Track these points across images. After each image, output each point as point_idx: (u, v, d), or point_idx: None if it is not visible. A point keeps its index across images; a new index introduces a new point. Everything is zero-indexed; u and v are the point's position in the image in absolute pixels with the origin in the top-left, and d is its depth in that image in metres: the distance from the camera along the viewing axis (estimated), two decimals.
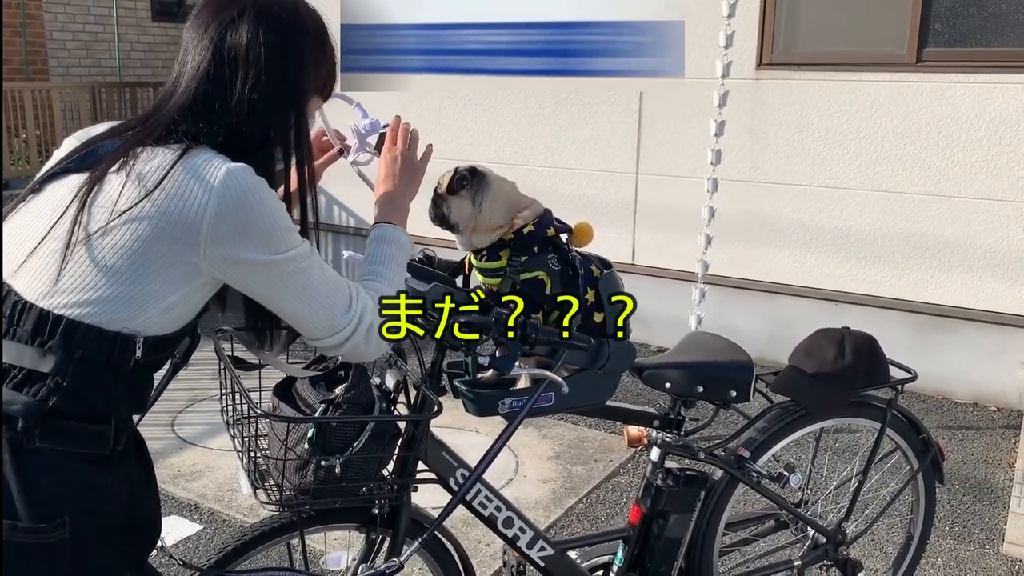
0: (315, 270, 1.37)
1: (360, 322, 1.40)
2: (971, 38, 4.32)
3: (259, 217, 1.28)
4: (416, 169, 1.67)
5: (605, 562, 2.19)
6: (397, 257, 1.57)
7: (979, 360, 4.44)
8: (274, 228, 1.30)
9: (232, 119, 1.31)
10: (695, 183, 4.75)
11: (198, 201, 1.24)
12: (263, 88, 1.32)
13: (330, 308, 1.37)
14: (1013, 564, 2.99)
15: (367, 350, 1.44)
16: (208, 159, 1.27)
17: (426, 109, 5.82)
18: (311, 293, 1.36)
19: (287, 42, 1.34)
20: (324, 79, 1.45)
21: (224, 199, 1.24)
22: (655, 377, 2.03)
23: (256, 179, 1.29)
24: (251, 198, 1.27)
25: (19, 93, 7.17)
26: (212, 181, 1.24)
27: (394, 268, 1.54)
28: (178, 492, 3.37)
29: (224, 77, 1.31)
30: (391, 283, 1.51)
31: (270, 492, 1.62)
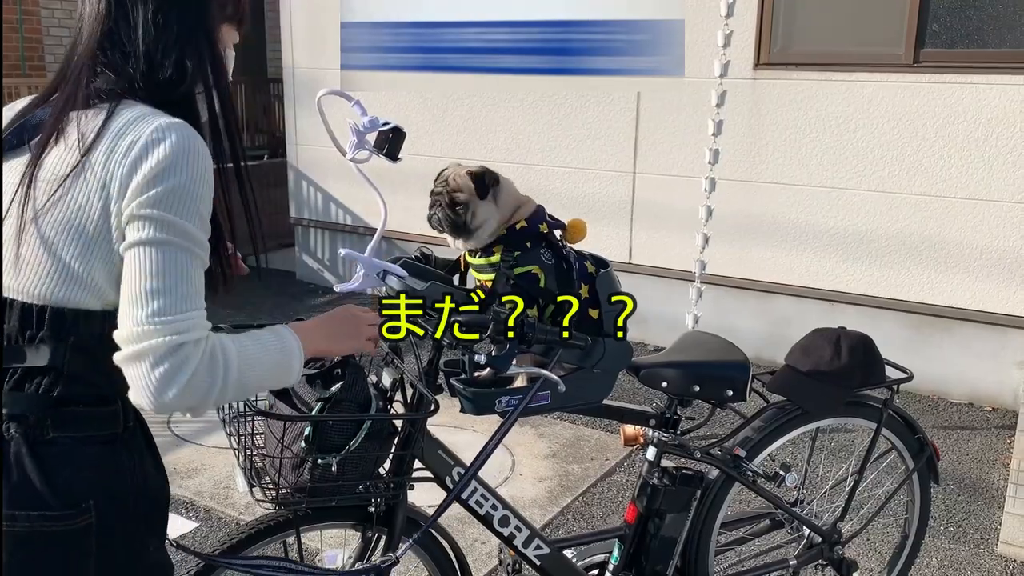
0: (186, 260, 1.21)
1: (174, 335, 1.18)
2: (968, 39, 4.33)
3: (182, 177, 1.20)
4: (355, 338, 1.50)
5: (601, 561, 2.19)
6: (273, 356, 1.30)
7: (975, 360, 4.45)
8: (188, 194, 1.21)
9: (141, 57, 1.28)
10: (692, 182, 4.75)
11: (128, 160, 1.20)
12: (165, 13, 1.28)
13: (168, 296, 1.19)
14: (1007, 564, 3.00)
15: (149, 375, 1.17)
16: (141, 115, 1.24)
17: (424, 107, 5.82)
18: (165, 272, 1.19)
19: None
20: (227, 7, 1.38)
21: (147, 154, 1.19)
22: (652, 376, 2.04)
23: (195, 137, 1.24)
24: (185, 161, 1.21)
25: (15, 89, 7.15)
26: (142, 136, 1.21)
27: (263, 357, 1.29)
28: (174, 489, 3.36)
29: (123, 10, 1.29)
30: (246, 361, 1.26)
31: (266, 490, 1.62)
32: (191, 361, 1.18)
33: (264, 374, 1.29)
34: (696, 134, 4.81)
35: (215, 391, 1.21)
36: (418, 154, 5.64)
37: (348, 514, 1.78)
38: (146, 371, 1.17)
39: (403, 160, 1.71)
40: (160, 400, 1.17)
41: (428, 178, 1.81)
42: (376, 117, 1.67)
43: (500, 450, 3.77)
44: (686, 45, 4.87)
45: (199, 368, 1.19)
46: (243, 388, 1.26)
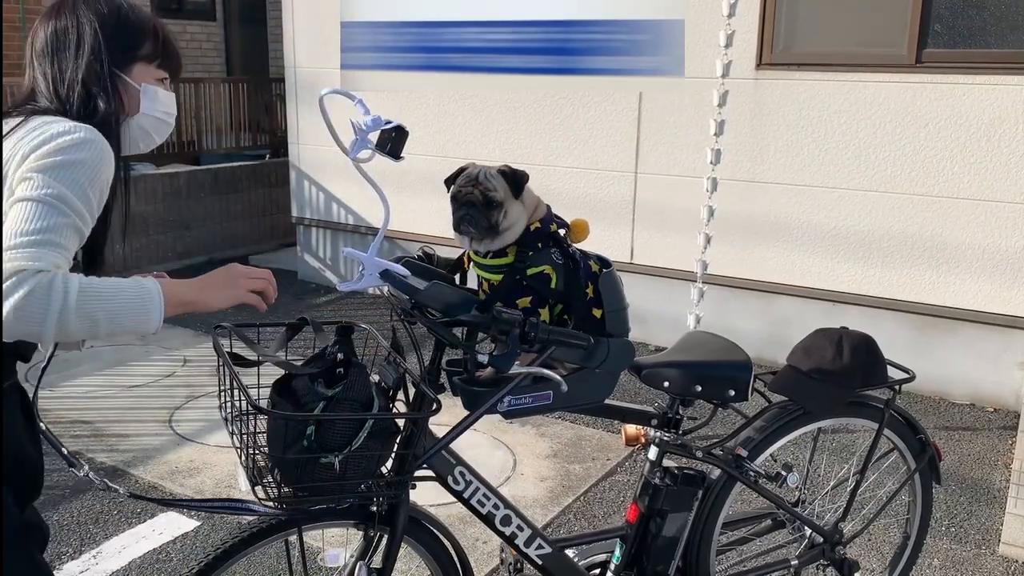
0: (57, 214, 1.37)
1: (28, 263, 1.31)
2: (971, 39, 4.33)
3: (74, 156, 1.41)
4: (232, 289, 1.57)
5: (602, 560, 2.19)
6: (125, 301, 1.39)
7: (977, 361, 4.45)
8: (77, 168, 1.41)
9: (53, 97, 1.56)
10: (694, 182, 4.75)
11: (37, 138, 1.43)
12: (65, 65, 1.57)
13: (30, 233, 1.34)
14: (1009, 564, 3.00)
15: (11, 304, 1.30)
16: (58, 119, 1.48)
17: (425, 106, 5.82)
18: (32, 217, 1.36)
19: (73, 28, 1.59)
20: (138, 48, 1.62)
21: (54, 137, 1.42)
22: (654, 376, 2.04)
23: (98, 140, 1.45)
24: (84, 147, 1.43)
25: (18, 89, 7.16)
26: (54, 128, 1.43)
27: (112, 299, 1.37)
28: (175, 488, 3.37)
29: (43, 68, 1.59)
30: (92, 300, 1.35)
31: (268, 489, 1.62)
32: (26, 283, 1.30)
33: (114, 310, 1.37)
34: (698, 134, 4.81)
35: (52, 314, 1.31)
36: (419, 154, 5.65)
37: (350, 513, 1.78)
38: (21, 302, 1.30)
39: (405, 159, 1.71)
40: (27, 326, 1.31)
41: (429, 178, 1.81)
42: (378, 116, 1.67)
43: (502, 450, 3.78)
44: (688, 45, 4.87)
45: (35, 290, 1.30)
46: (88, 319, 1.35)
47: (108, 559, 2.90)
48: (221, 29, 10.40)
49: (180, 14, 9.95)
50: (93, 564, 2.88)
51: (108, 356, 4.74)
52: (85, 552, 2.95)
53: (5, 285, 1.29)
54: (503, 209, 1.80)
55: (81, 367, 4.48)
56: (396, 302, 1.82)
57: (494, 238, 1.82)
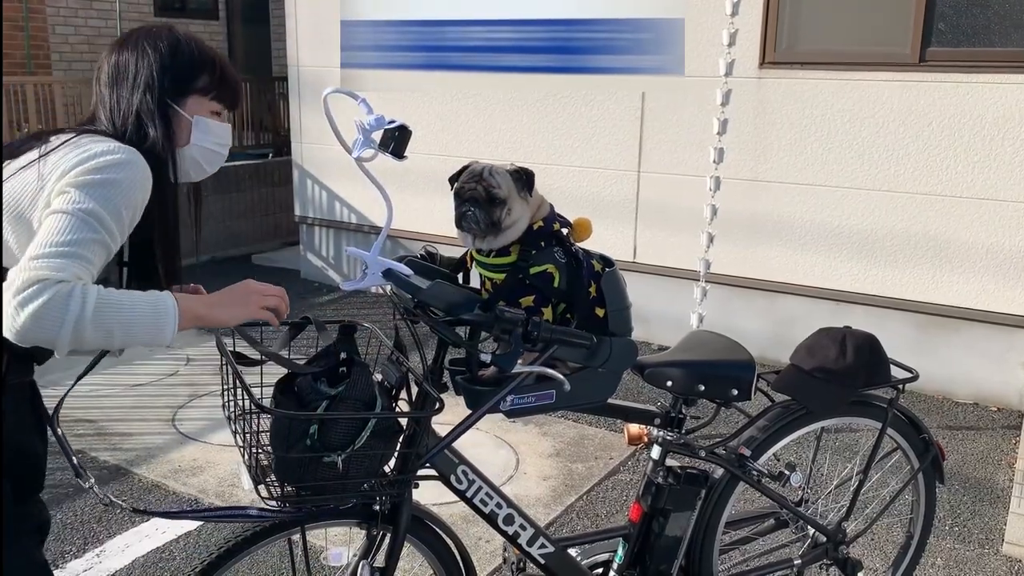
0: (86, 228, 1.43)
1: (49, 275, 1.36)
2: (975, 38, 4.32)
3: (109, 176, 1.47)
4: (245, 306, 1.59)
5: (605, 560, 2.19)
6: (141, 314, 1.43)
7: (980, 360, 4.44)
8: (112, 189, 1.46)
9: (112, 122, 1.62)
10: (697, 181, 4.75)
11: (80, 155, 1.48)
12: (119, 97, 1.63)
13: (57, 246, 1.40)
14: (1013, 564, 3.00)
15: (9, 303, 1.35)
16: (107, 138, 1.54)
17: (428, 105, 5.82)
18: (64, 230, 1.41)
19: (132, 62, 1.65)
20: (194, 81, 1.67)
21: (95, 156, 1.48)
22: (656, 375, 2.04)
23: (138, 161, 1.52)
24: (118, 166, 1.49)
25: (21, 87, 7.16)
26: (98, 147, 1.49)
27: (130, 312, 1.41)
28: (179, 487, 3.37)
29: (102, 95, 1.65)
30: (110, 311, 1.39)
31: (271, 488, 1.62)
32: (46, 292, 1.35)
33: (129, 322, 1.42)
34: (701, 133, 4.81)
35: (68, 324, 1.35)
36: (422, 153, 5.64)
37: (353, 512, 1.78)
38: (9, 297, 1.35)
39: (408, 159, 1.71)
40: (14, 323, 1.35)
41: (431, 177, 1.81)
42: (382, 115, 1.67)
43: (505, 449, 3.78)
44: (691, 44, 4.86)
45: (53, 299, 1.35)
46: (103, 330, 1.39)
47: (111, 557, 2.91)
48: (224, 28, 10.40)
49: (183, 13, 9.96)
50: (96, 562, 2.89)
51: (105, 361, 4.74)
52: (88, 550, 2.96)
53: (27, 292, 1.35)
54: (506, 206, 1.80)
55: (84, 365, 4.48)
56: (399, 301, 1.82)
57: (497, 235, 1.82)
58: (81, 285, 1.38)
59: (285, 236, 7.80)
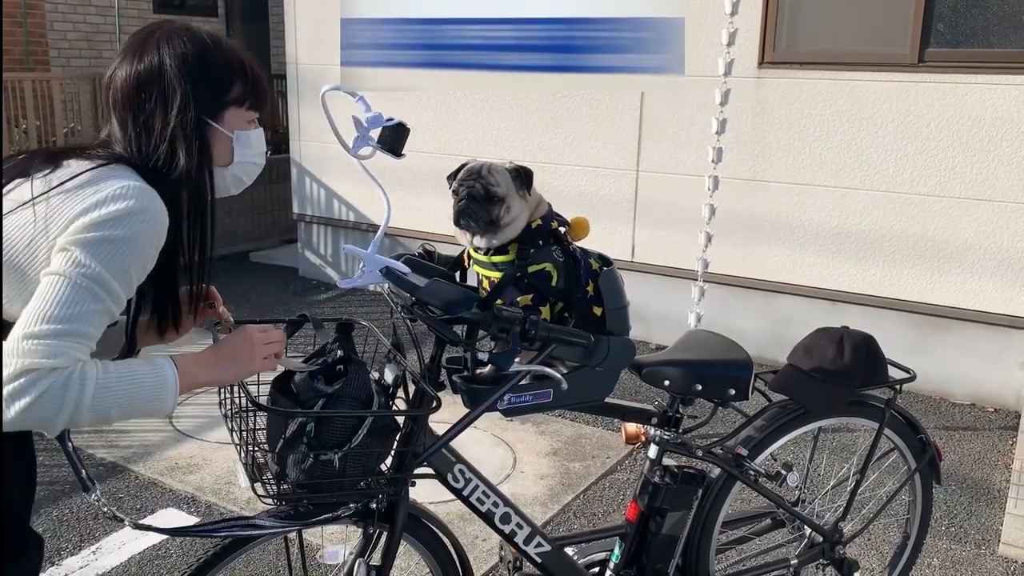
0: (89, 299, 1.28)
1: (44, 360, 1.24)
2: (974, 39, 4.32)
3: (117, 232, 1.30)
4: (248, 363, 1.51)
5: (602, 559, 2.19)
6: (142, 388, 1.34)
7: (977, 361, 4.45)
8: (116, 249, 1.30)
9: (134, 150, 1.43)
10: (696, 181, 4.75)
11: (85, 202, 1.31)
12: (148, 116, 1.43)
13: (55, 321, 1.25)
14: (1008, 565, 3.00)
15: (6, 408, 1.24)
16: (117, 175, 1.36)
17: (426, 104, 5.81)
18: (66, 301, 1.27)
19: (159, 73, 1.43)
20: (229, 91, 1.49)
21: (102, 204, 1.31)
22: (654, 375, 2.04)
23: (151, 208, 1.34)
24: (132, 220, 1.32)
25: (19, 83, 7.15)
26: (107, 190, 1.32)
27: (129, 389, 1.32)
28: (175, 485, 3.37)
29: (122, 116, 1.45)
30: (108, 392, 1.30)
31: (268, 486, 1.62)
32: (41, 384, 1.24)
33: (129, 402, 1.33)
34: (700, 132, 4.81)
35: (64, 415, 1.26)
36: (420, 151, 5.64)
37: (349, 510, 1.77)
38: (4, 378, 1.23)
39: (406, 157, 1.71)
40: (5, 414, 1.23)
41: (430, 175, 1.81)
42: (380, 113, 1.66)
43: (502, 448, 3.77)
44: (690, 43, 4.86)
45: (48, 391, 1.24)
46: (103, 413, 1.30)
47: (107, 555, 2.91)
48: (223, 25, 10.40)
49: (182, 10, 9.96)
50: (92, 560, 2.88)
51: None
52: (84, 548, 2.95)
53: (18, 384, 1.23)
54: (505, 204, 1.80)
55: None
56: (396, 299, 1.82)
57: (495, 233, 1.81)
58: (79, 370, 1.27)
59: (283, 234, 7.79)
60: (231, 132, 1.50)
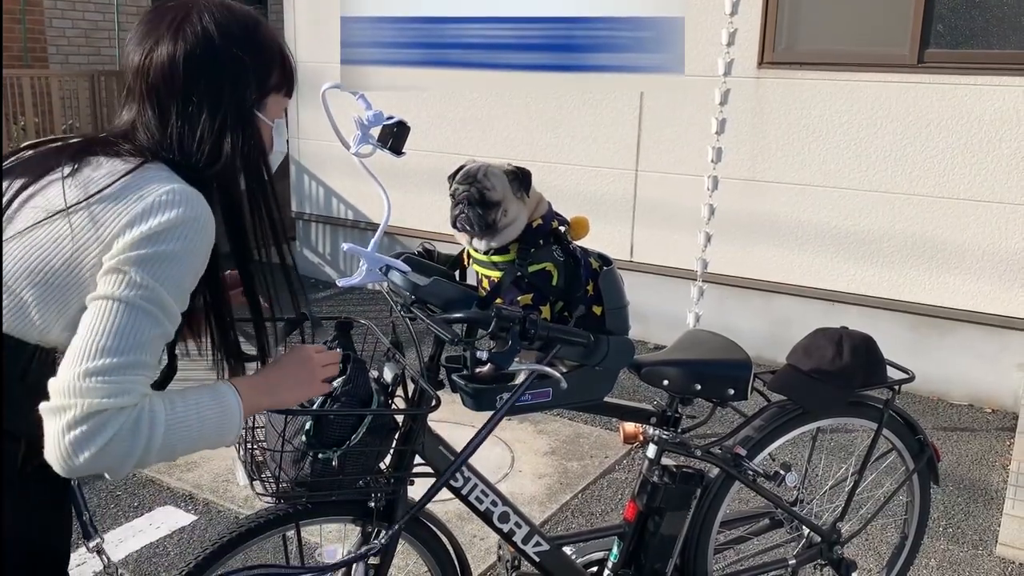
0: (146, 323, 1.16)
1: (106, 398, 1.12)
2: (973, 40, 4.32)
3: (168, 243, 1.16)
4: (309, 385, 1.43)
5: (600, 558, 2.19)
6: (208, 420, 1.24)
7: (975, 362, 4.45)
8: (170, 262, 1.17)
9: (174, 144, 1.26)
10: (695, 181, 4.75)
11: (129, 213, 1.17)
12: (198, 104, 1.26)
13: (111, 353, 1.13)
14: (1006, 565, 3.00)
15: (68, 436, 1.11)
16: (159, 176, 1.21)
17: (426, 102, 5.81)
18: (121, 329, 1.14)
19: (209, 54, 1.26)
20: (271, 77, 1.35)
21: (150, 214, 1.16)
22: (653, 374, 2.04)
23: (200, 214, 1.20)
24: (183, 230, 1.17)
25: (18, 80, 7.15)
26: (150, 197, 1.17)
27: (196, 423, 1.22)
28: (173, 482, 3.37)
29: (157, 105, 1.27)
30: (177, 428, 1.19)
31: (266, 484, 1.62)
32: (111, 426, 1.12)
33: (197, 438, 1.23)
34: (699, 132, 4.81)
35: (134, 457, 1.15)
36: (420, 150, 5.64)
37: (348, 509, 1.77)
38: (63, 428, 1.11)
39: (406, 155, 1.71)
40: (70, 462, 1.11)
41: (430, 174, 1.80)
42: (380, 111, 1.66)
43: (500, 447, 3.77)
44: (690, 43, 4.86)
45: (119, 434, 1.12)
46: (170, 452, 1.20)
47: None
48: None
49: None
50: (89, 557, 2.87)
51: None
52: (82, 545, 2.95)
53: (82, 429, 1.10)
54: (501, 207, 1.80)
55: None
56: (396, 298, 1.82)
57: (494, 235, 1.82)
58: (148, 407, 1.15)
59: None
60: (272, 121, 1.37)
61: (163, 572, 2.79)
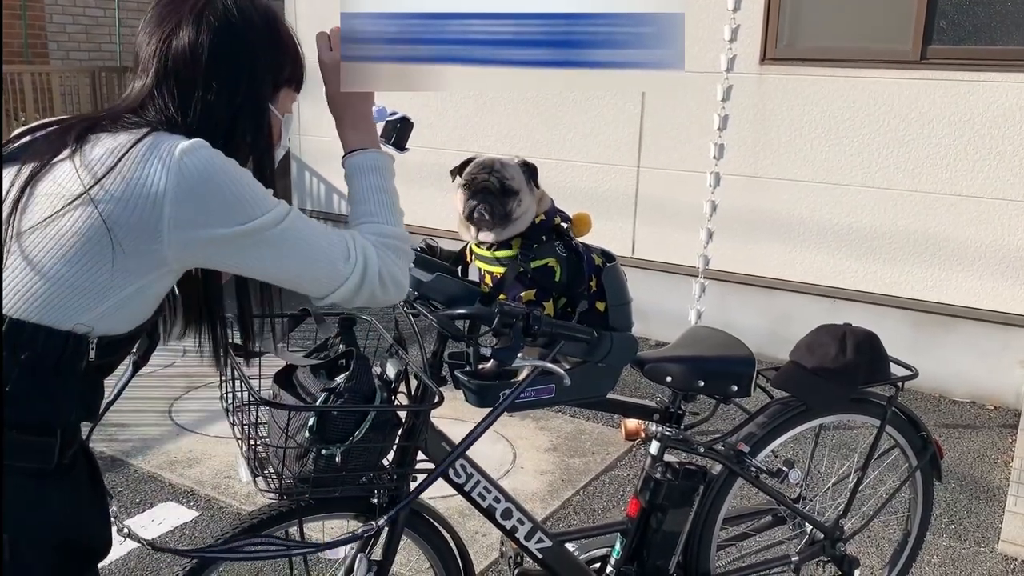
0: (299, 225, 1.26)
1: (367, 267, 1.30)
2: (976, 36, 4.31)
3: (223, 189, 1.18)
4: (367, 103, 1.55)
5: (603, 555, 2.19)
6: (383, 184, 1.41)
7: (978, 359, 4.45)
8: (242, 197, 1.19)
9: (184, 128, 1.25)
10: (697, 177, 4.74)
11: (156, 182, 1.14)
12: (216, 92, 1.26)
13: (327, 261, 1.28)
14: (1008, 562, 3.00)
15: (385, 293, 1.34)
16: (166, 139, 1.19)
17: (426, 99, 5.80)
18: (300, 251, 1.26)
19: (231, 42, 1.26)
20: (285, 70, 1.37)
21: (183, 177, 1.15)
22: (656, 371, 2.03)
23: (213, 150, 1.20)
24: (212, 170, 1.17)
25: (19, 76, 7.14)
26: (169, 159, 1.15)
27: (385, 200, 1.40)
28: (175, 479, 3.37)
29: (175, 89, 1.25)
30: (388, 217, 1.38)
31: (269, 480, 1.61)
32: (387, 261, 1.34)
33: (394, 209, 1.42)
34: (701, 129, 4.80)
35: (409, 256, 1.40)
36: (421, 146, 5.62)
37: (351, 505, 1.77)
38: (379, 293, 1.33)
39: (410, 151, 1.70)
40: (400, 295, 1.37)
41: (431, 170, 1.81)
42: (383, 107, 1.66)
43: (502, 443, 3.77)
44: (692, 40, 4.84)
45: (393, 261, 1.35)
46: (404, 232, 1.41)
47: None
48: None
49: None
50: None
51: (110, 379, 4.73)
52: None
53: (391, 272, 1.33)
54: (518, 197, 1.80)
55: None
56: None
57: (505, 227, 1.81)
58: (379, 238, 1.35)
59: None
60: (282, 115, 1.39)
61: (165, 569, 2.79)
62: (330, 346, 1.73)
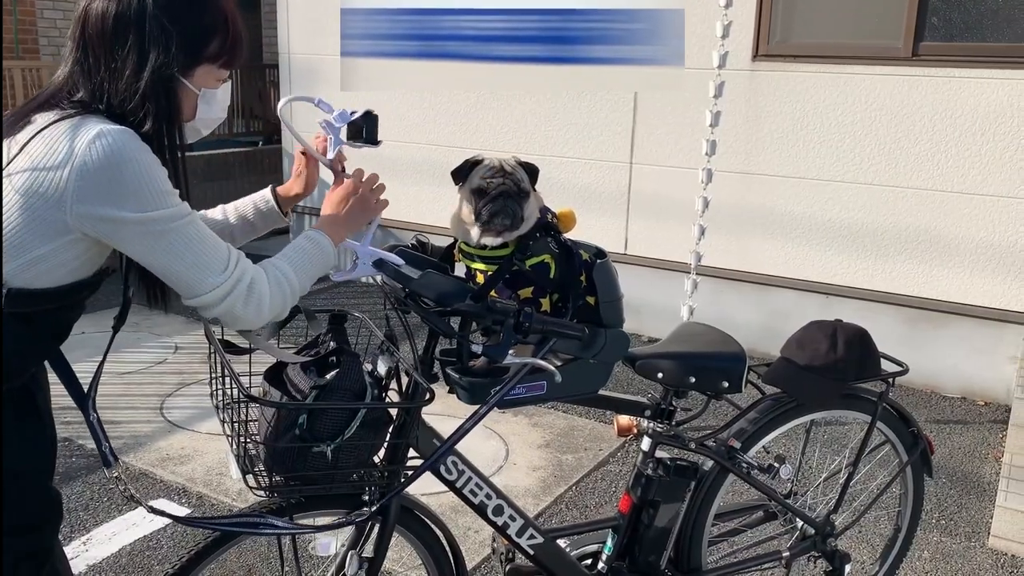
0: (189, 232, 1.39)
1: (238, 284, 1.42)
2: (967, 32, 4.32)
3: (128, 176, 1.31)
4: (367, 211, 1.67)
5: (594, 551, 2.19)
6: (313, 257, 1.56)
7: (969, 355, 4.46)
8: (143, 187, 1.32)
9: (101, 96, 1.38)
10: (689, 173, 4.75)
11: (63, 157, 1.29)
12: (124, 65, 1.36)
13: (204, 266, 1.39)
14: (998, 557, 3.02)
15: (244, 314, 1.44)
16: (88, 122, 1.32)
17: (420, 95, 5.79)
18: (183, 251, 1.38)
19: (138, 8, 1.35)
20: (209, 45, 1.42)
21: (90, 157, 1.29)
22: (648, 367, 2.03)
23: (131, 140, 1.32)
24: (120, 157, 1.30)
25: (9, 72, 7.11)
26: (81, 140, 1.29)
27: (306, 260, 1.54)
28: (166, 476, 3.36)
29: (92, 57, 1.38)
30: (298, 271, 1.52)
31: (260, 477, 1.61)
32: (263, 290, 1.44)
33: (314, 273, 1.55)
34: (694, 125, 4.80)
35: (288, 302, 1.49)
36: (413, 142, 5.62)
37: (342, 502, 1.77)
38: (239, 311, 1.42)
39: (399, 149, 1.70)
40: (258, 322, 1.46)
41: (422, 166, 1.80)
42: (344, 109, 1.66)
43: (494, 440, 3.77)
44: (684, 36, 4.85)
45: (272, 293, 1.45)
46: (303, 290, 1.53)
47: (98, 546, 2.89)
48: None
49: None
50: (83, 551, 2.87)
51: (99, 342, 4.71)
52: (75, 539, 2.94)
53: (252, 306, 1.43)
54: (529, 200, 1.80)
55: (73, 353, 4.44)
56: (389, 291, 1.81)
57: (516, 229, 1.80)
58: (277, 269, 1.48)
59: None
60: (199, 90, 1.45)
61: (156, 565, 2.79)
62: (320, 343, 1.73)
